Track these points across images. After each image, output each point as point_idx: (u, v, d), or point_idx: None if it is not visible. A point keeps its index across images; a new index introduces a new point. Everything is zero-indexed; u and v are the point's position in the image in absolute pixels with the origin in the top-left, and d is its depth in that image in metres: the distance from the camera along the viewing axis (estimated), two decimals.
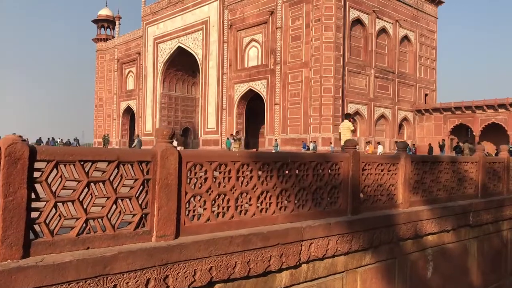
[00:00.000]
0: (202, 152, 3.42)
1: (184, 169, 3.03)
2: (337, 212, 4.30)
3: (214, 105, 39.54)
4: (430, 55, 39.54)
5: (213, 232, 3.17)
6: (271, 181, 3.66)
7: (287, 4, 33.80)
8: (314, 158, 4.09)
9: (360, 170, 4.59)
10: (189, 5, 41.42)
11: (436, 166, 5.82)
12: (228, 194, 3.36)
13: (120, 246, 2.61)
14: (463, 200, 6.29)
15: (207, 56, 40.02)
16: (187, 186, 3.08)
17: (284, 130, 34.07)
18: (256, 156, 3.57)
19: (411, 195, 5.29)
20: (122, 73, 50.95)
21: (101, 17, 51.81)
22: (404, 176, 5.10)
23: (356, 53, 33.71)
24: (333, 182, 4.26)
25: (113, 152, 2.64)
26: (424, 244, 5.40)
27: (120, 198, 2.73)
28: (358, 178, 4.53)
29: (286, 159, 3.78)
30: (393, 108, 36.04)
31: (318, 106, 31.48)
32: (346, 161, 4.39)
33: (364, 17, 33.94)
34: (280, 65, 34.05)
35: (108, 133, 47.86)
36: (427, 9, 39.55)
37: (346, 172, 4.40)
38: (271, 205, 3.69)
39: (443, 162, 5.93)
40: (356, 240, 4.30)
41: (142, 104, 47.66)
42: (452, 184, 6.18)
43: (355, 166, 4.45)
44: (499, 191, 7.37)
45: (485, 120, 32.04)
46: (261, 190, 3.59)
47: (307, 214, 3.98)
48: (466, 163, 6.50)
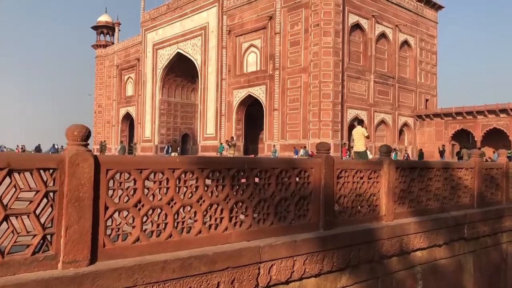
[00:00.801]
0: (129, 158, 2.91)
1: (104, 178, 2.51)
2: (307, 227, 3.76)
3: (213, 111, 39.16)
4: (430, 60, 39.05)
5: (143, 255, 2.63)
6: (222, 192, 3.13)
7: (285, 9, 33.48)
8: (278, 164, 3.56)
9: (335, 177, 4.05)
10: (188, 11, 41.21)
11: (425, 173, 5.26)
12: (165, 209, 2.84)
13: (7, 277, 2.07)
14: (457, 211, 5.71)
15: (206, 62, 39.72)
16: (109, 199, 2.56)
17: (283, 135, 33.61)
18: (203, 163, 3.04)
19: (396, 206, 4.74)
20: (122, 79, 50.73)
21: (101, 23, 51.71)
22: (387, 184, 4.56)
23: (355, 58, 33.26)
24: (301, 192, 3.73)
25: (1, 158, 2.12)
26: (412, 261, 4.83)
27: (14, 215, 2.21)
28: (332, 187, 4.00)
29: (242, 166, 3.26)
30: (393, 113, 35.49)
31: (317, 111, 31.01)
32: (317, 167, 3.86)
33: (364, 22, 33.54)
34: (279, 71, 33.67)
35: (106, 140, 47.46)
36: (427, 14, 39.12)
37: (318, 180, 3.86)
38: (223, 220, 3.16)
39: (433, 169, 5.36)
40: (329, 259, 3.75)
41: (141, 110, 47.34)
42: (445, 193, 5.61)
43: (328, 173, 3.92)
44: (498, 200, 6.78)
45: (487, 125, 31.44)
46: (209, 202, 3.06)
47: (269, 230, 3.44)
48: (460, 169, 5.92)
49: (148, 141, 46.75)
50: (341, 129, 31.66)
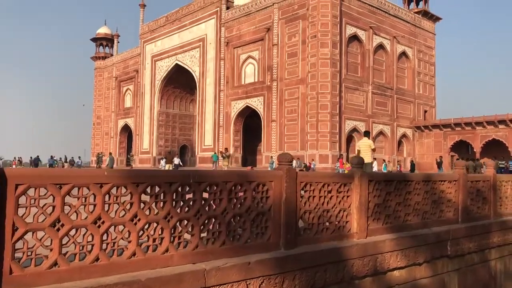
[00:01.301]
0: (45, 171, 2.64)
1: (12, 194, 2.25)
2: (265, 246, 3.46)
3: (211, 122, 39.03)
4: (428, 71, 38.91)
5: (62, 283, 2.35)
6: (162, 209, 2.86)
7: (283, 21, 33.53)
8: (231, 177, 3.29)
9: (298, 191, 3.76)
10: (186, 23, 41.36)
11: (403, 186, 4.93)
12: (91, 228, 2.56)
13: None
14: (439, 226, 5.38)
15: (204, 73, 39.71)
16: (18, 218, 2.30)
17: (281, 147, 33.37)
18: (137, 176, 2.78)
19: (370, 222, 4.44)
20: (120, 91, 50.77)
21: (100, 35, 51.97)
22: (359, 198, 4.27)
23: (353, 69, 33.16)
24: (259, 207, 3.44)
25: None
26: (388, 281, 4.50)
27: None
28: (296, 202, 3.71)
29: (187, 179, 2.98)
30: (392, 124, 35.23)
31: (315, 122, 30.82)
32: (277, 180, 3.58)
33: (361, 33, 33.50)
34: (277, 82, 33.58)
35: (102, 152, 47.30)
36: (425, 25, 39.11)
37: (278, 195, 3.58)
38: (163, 241, 2.88)
39: (412, 181, 5.04)
40: (290, 282, 3.45)
41: (140, 122, 47.24)
42: (426, 208, 5.28)
43: (290, 186, 3.64)
44: (485, 214, 6.43)
45: (486, 136, 31.13)
46: (145, 221, 2.79)
47: (219, 251, 3.15)
48: (442, 182, 5.58)
49: (146, 153, 46.54)
50: (339, 140, 31.42)
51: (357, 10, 33.13)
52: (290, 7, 33.15)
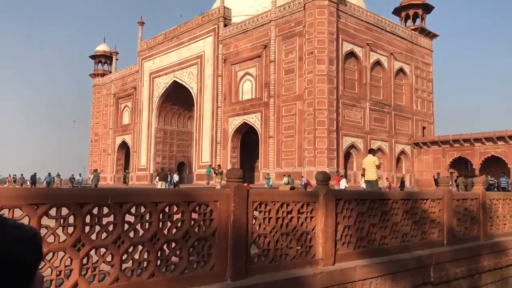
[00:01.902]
0: None
1: None
2: (208, 277, 3.00)
3: (208, 139, 38.72)
4: (426, 88, 38.70)
5: None
6: (71, 236, 2.44)
7: (280, 38, 33.54)
8: (163, 196, 2.87)
9: (251, 212, 3.33)
10: (184, 40, 41.47)
11: (379, 205, 4.46)
12: None
13: None
14: (422, 250, 4.89)
15: (201, 90, 39.61)
16: None
17: (279, 163, 32.97)
18: (36, 196, 2.36)
19: (338, 246, 3.96)
20: (118, 107, 50.70)
21: (99, 52, 52.20)
22: (324, 220, 3.80)
23: (350, 86, 32.97)
24: (200, 232, 3.03)
25: None
26: None
27: None
28: (246, 225, 3.28)
29: (103, 200, 2.56)
30: (390, 141, 34.81)
31: (312, 139, 30.47)
32: (224, 200, 3.16)
33: (358, 50, 33.43)
34: (274, 98, 33.40)
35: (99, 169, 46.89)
36: (422, 42, 39.08)
37: (225, 217, 3.16)
38: (73, 272, 2.45)
39: (389, 200, 4.58)
40: None
41: (137, 139, 46.98)
42: (405, 229, 4.80)
43: (240, 207, 3.21)
44: (474, 235, 5.91)
45: (485, 153, 30.65)
46: (47, 250, 2.37)
47: (148, 283, 2.70)
48: (424, 200, 5.10)
49: (143, 170, 46.11)
50: (336, 157, 30.98)
51: (353, 27, 33.13)
52: (286, 24, 33.20)
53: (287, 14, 33.19)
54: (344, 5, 32.50)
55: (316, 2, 30.80)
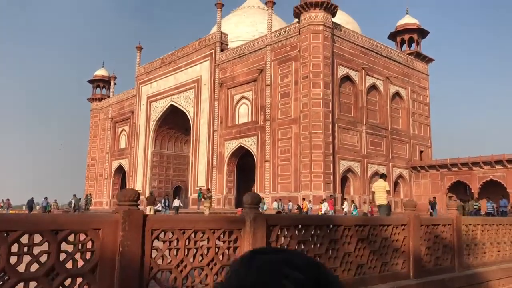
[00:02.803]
0: None
1: None
2: None
3: (204, 163, 38.46)
4: (423, 112, 38.68)
5: None
6: None
7: (275, 63, 33.79)
8: (19, 224, 2.37)
9: (148, 243, 2.84)
10: (182, 65, 41.82)
11: (326, 232, 3.93)
12: None
13: None
14: (382, 284, 4.37)
15: (198, 114, 39.64)
16: None
17: (275, 187, 32.61)
18: None
19: None
20: (115, 131, 50.69)
21: (97, 77, 52.60)
22: None
23: (346, 109, 32.95)
24: (72, 269, 2.53)
25: None
26: None
27: None
28: (141, 258, 2.76)
29: None
30: (388, 165, 34.50)
31: (308, 162, 30.21)
32: (109, 228, 2.66)
33: (353, 74, 33.59)
34: (270, 122, 33.35)
35: (91, 193, 46.46)
36: (418, 66, 39.33)
37: (111, 248, 2.64)
38: None
39: (340, 226, 4.07)
40: None
41: (134, 163, 46.73)
42: (361, 260, 4.25)
43: (131, 236, 2.70)
44: (447, 266, 5.33)
45: (483, 177, 30.27)
46: None
47: None
48: (385, 227, 4.58)
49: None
50: (333, 181, 30.63)
51: (349, 51, 33.39)
52: (282, 49, 33.49)
53: (282, 39, 33.54)
54: (339, 30, 32.86)
55: (311, 27, 31.15)
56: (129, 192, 2.73)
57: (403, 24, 40.37)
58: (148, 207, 22.39)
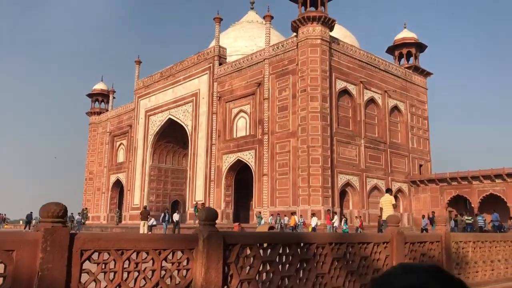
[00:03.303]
0: None
1: None
2: None
3: (202, 177, 38.13)
4: (422, 126, 38.47)
5: None
6: None
7: (273, 76, 33.75)
8: None
9: (76, 265, 2.48)
10: (180, 79, 41.86)
11: (296, 251, 3.58)
12: None
13: None
14: None
15: (196, 127, 39.48)
16: None
17: (273, 202, 32.21)
18: None
19: None
20: (114, 145, 50.53)
21: (96, 91, 52.64)
22: (204, 273, 2.89)
23: (344, 123, 32.75)
24: None
25: None
26: None
27: None
28: (67, 284, 2.44)
29: None
30: (387, 179, 34.14)
31: (307, 176, 29.87)
32: (25, 249, 2.34)
33: (352, 87, 33.50)
34: (268, 135, 33.13)
35: (87, 207, 46.06)
36: (416, 80, 39.28)
37: (27, 273, 2.31)
38: None
39: (312, 245, 3.68)
40: None
41: (131, 177, 46.40)
42: (337, 282, 3.85)
43: (54, 258, 2.35)
44: None
45: (483, 191, 29.87)
46: None
47: None
48: (365, 245, 4.20)
49: (136, 209, 45.12)
50: (331, 195, 30.24)
51: (346, 65, 33.36)
52: (280, 63, 33.49)
53: (280, 52, 33.56)
54: (337, 44, 32.88)
55: (308, 41, 31.17)
56: (52, 206, 2.40)
57: (401, 38, 40.48)
58: (141, 221, 21.99)
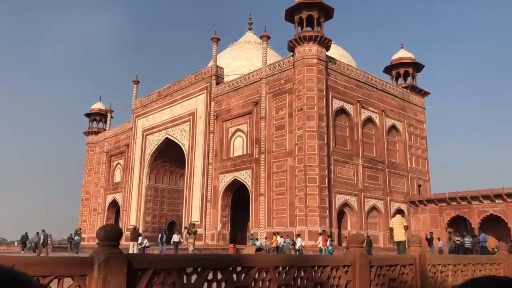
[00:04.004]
0: None
1: None
2: None
3: (198, 197, 37.61)
4: (420, 145, 38.16)
5: None
6: None
7: (270, 95, 33.69)
8: None
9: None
10: (178, 98, 41.86)
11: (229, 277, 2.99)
12: None
13: None
14: None
15: (193, 147, 39.21)
16: None
17: (270, 223, 31.58)
18: None
19: None
20: (111, 165, 50.16)
21: (94, 110, 52.63)
22: None
23: (342, 142, 32.47)
24: None
25: None
26: None
27: None
28: None
29: None
30: (385, 199, 33.61)
31: (304, 196, 29.40)
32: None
33: (349, 107, 33.37)
34: (265, 154, 32.80)
35: (81, 228, 45.31)
36: (414, 99, 39.21)
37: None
38: None
39: (251, 269, 3.10)
40: None
41: (128, 197, 45.86)
42: None
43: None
44: None
45: (483, 211, 29.23)
46: None
47: None
48: (320, 268, 3.66)
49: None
50: (329, 215, 29.68)
51: (343, 84, 33.34)
52: (277, 82, 33.48)
53: (277, 72, 33.60)
54: (333, 63, 32.95)
55: (305, 61, 31.23)
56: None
57: (398, 58, 40.65)
58: (131, 243, 21.37)
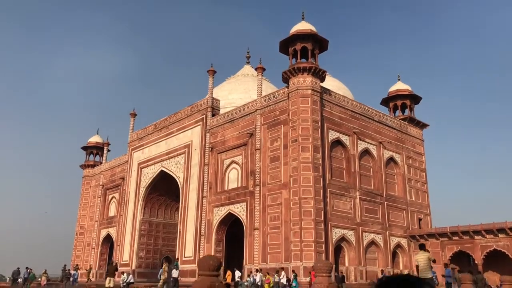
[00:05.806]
0: None
1: None
2: None
3: (192, 231, 36.52)
4: (420, 178, 37.15)
5: None
6: None
7: (265, 127, 33.30)
8: None
9: None
10: (174, 130, 41.60)
11: None
12: None
13: None
14: None
15: (188, 179, 38.49)
16: None
17: (264, 258, 30.33)
18: None
19: None
20: (106, 199, 49.31)
21: (91, 143, 52.36)
22: None
23: (338, 174, 31.63)
24: None
25: None
26: None
27: None
28: None
29: None
30: (384, 233, 32.30)
31: (299, 230, 28.29)
32: None
33: (345, 138, 32.79)
34: (260, 187, 31.98)
35: (78, 264, 44.01)
36: (412, 131, 38.60)
37: None
38: None
39: None
40: None
41: (122, 232, 44.71)
42: None
43: None
44: None
45: (486, 246, 27.77)
46: None
47: None
48: None
49: (125, 265, 43.00)
50: (325, 250, 28.41)
51: (339, 115, 32.92)
52: (272, 113, 33.16)
53: (272, 103, 33.35)
54: (328, 94, 32.68)
55: (299, 91, 30.99)
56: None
57: (395, 90, 40.43)
58: (107, 278, 20.29)
